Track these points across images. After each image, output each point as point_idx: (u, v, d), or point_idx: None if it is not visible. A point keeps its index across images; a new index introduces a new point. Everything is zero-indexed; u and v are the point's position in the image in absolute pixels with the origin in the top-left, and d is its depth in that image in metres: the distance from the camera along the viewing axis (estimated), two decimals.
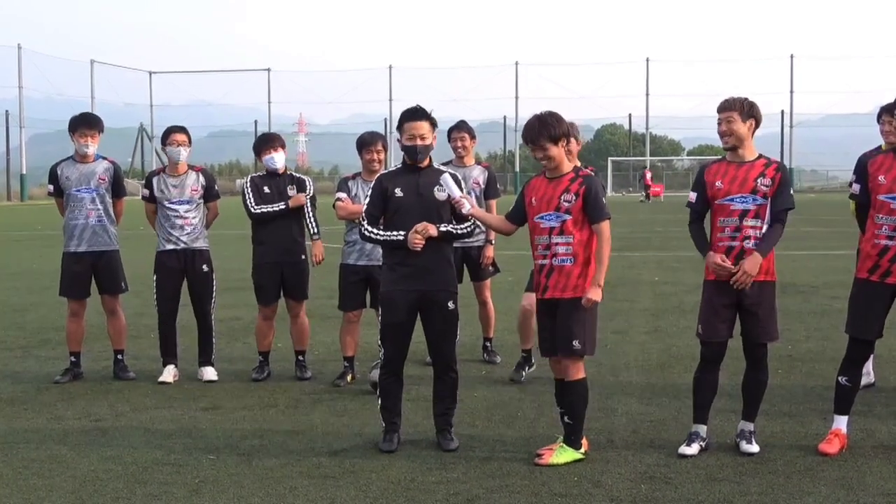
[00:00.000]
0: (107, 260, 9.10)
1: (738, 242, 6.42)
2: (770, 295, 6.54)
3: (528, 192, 6.52)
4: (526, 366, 8.72)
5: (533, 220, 6.46)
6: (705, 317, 6.57)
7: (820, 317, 12.16)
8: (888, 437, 6.83)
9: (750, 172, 6.43)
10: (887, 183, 6.39)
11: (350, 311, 8.81)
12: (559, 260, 6.35)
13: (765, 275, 6.45)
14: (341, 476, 6.11)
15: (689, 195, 6.70)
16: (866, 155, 6.64)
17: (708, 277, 6.57)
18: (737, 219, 6.42)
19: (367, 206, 6.77)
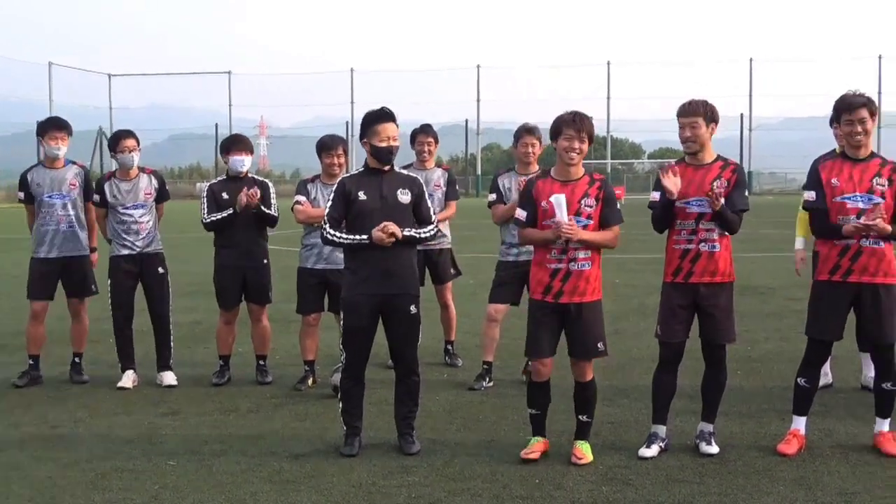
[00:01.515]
0: (78, 264, 9.05)
1: (693, 245, 6.51)
2: (728, 296, 6.61)
3: (542, 196, 6.40)
4: (486, 377, 8.72)
5: (542, 224, 6.43)
6: (663, 318, 6.65)
7: (778, 318, 12.26)
8: (846, 438, 6.90)
9: (707, 175, 6.50)
10: (840, 185, 6.47)
11: (308, 314, 8.79)
12: (579, 265, 6.36)
13: (722, 276, 6.53)
14: (302, 480, 6.09)
15: (652, 195, 6.75)
16: (818, 160, 6.71)
17: (666, 280, 6.64)
18: (693, 222, 6.51)
19: (329, 208, 6.74)
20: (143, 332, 9.39)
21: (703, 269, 6.51)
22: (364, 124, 6.74)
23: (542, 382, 6.53)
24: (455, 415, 7.71)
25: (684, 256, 6.52)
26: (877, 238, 6.39)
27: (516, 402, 7.99)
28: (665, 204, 6.51)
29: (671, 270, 6.60)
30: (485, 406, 7.97)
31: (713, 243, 6.50)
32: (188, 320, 12.21)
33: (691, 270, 6.52)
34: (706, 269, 6.51)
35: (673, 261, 6.59)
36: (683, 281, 6.54)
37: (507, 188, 8.64)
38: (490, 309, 8.74)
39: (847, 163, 6.51)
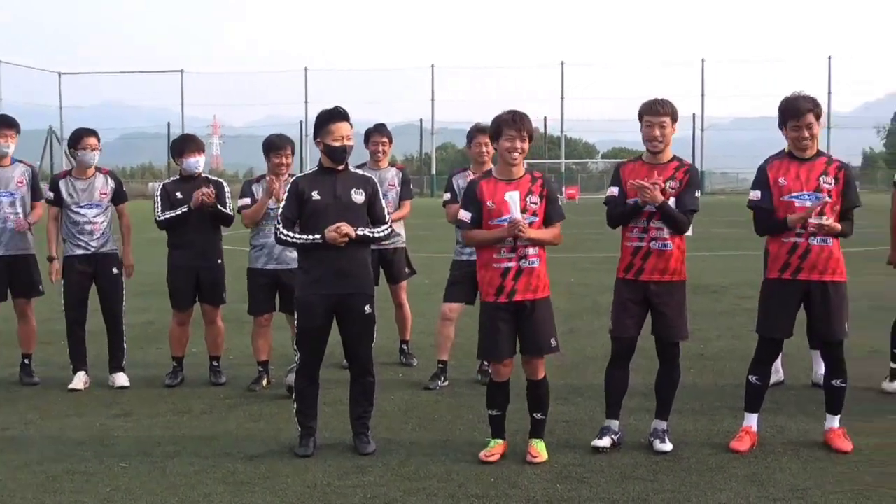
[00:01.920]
0: (23, 263, 8.93)
1: (644, 243, 6.60)
2: (680, 294, 6.68)
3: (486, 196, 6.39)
4: (442, 376, 8.72)
5: (489, 224, 6.41)
6: (615, 313, 6.74)
7: (730, 316, 12.38)
8: (797, 434, 6.98)
9: (664, 174, 6.58)
10: (788, 184, 6.56)
11: (260, 315, 8.75)
12: (530, 262, 6.38)
13: (672, 275, 6.62)
14: (257, 482, 6.05)
15: (609, 190, 6.80)
16: (765, 163, 6.80)
17: (618, 276, 6.72)
18: (645, 220, 6.59)
19: (282, 209, 6.70)
20: (95, 333, 9.28)
21: (653, 267, 6.60)
22: (318, 124, 6.72)
23: (502, 383, 6.54)
24: (410, 414, 7.70)
25: (636, 253, 6.62)
26: (825, 237, 6.48)
27: (472, 401, 8.01)
28: (636, 207, 6.57)
29: (623, 267, 6.69)
30: (440, 405, 7.97)
31: (664, 241, 6.58)
32: (141, 321, 12.10)
33: (642, 268, 6.61)
34: (656, 266, 6.59)
35: (625, 257, 6.68)
36: (634, 278, 6.64)
37: (461, 188, 8.64)
38: (445, 308, 8.74)
39: (794, 162, 6.61)
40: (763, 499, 5.65)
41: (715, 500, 5.65)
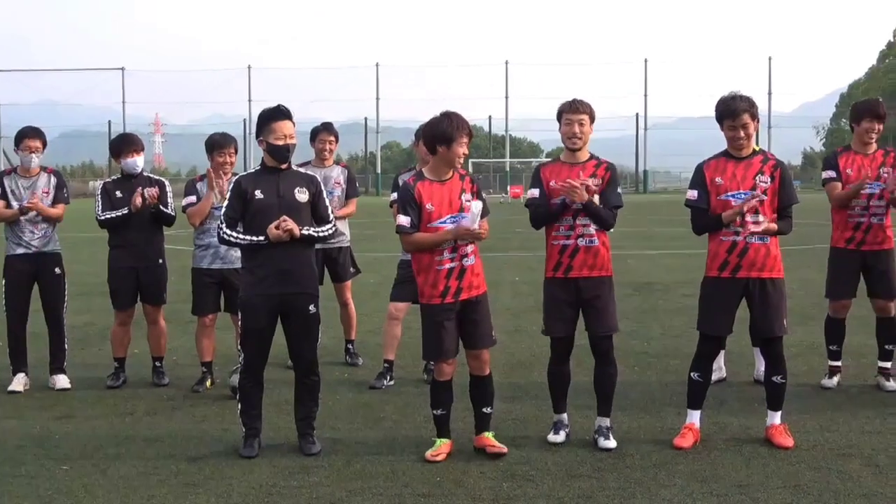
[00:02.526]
0: None
1: (571, 241, 6.69)
2: (608, 289, 6.80)
3: (424, 199, 6.39)
4: (388, 375, 8.71)
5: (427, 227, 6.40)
6: (548, 314, 6.83)
7: (673, 314, 12.49)
8: (739, 431, 7.06)
9: (582, 174, 6.69)
10: (724, 183, 6.65)
11: (205, 315, 8.68)
12: (470, 260, 6.44)
13: (600, 270, 6.73)
14: (201, 483, 6.00)
15: (529, 192, 6.87)
16: (702, 162, 6.90)
17: (547, 275, 6.80)
18: (570, 218, 6.69)
19: (225, 208, 6.65)
20: (35, 335, 9.14)
21: (582, 264, 6.69)
22: (260, 122, 6.68)
23: (447, 381, 6.55)
24: (356, 414, 7.68)
25: (563, 252, 6.70)
26: (762, 235, 6.58)
27: (418, 400, 8.00)
28: (563, 206, 6.64)
29: (552, 266, 6.76)
30: (386, 405, 7.96)
31: (591, 238, 6.69)
32: (82, 322, 11.95)
33: (570, 265, 6.70)
34: (585, 263, 6.70)
35: (553, 256, 6.75)
36: (564, 275, 6.72)
37: None
38: (391, 307, 8.73)
39: (731, 161, 6.71)
40: (706, 495, 5.70)
41: (659, 496, 5.69)
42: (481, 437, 6.63)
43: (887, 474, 6.03)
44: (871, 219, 8.16)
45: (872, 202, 8.13)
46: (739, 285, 6.66)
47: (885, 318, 8.40)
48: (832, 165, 8.29)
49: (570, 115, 6.70)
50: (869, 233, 8.17)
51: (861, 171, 8.12)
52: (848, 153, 8.31)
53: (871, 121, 8.14)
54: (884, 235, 8.22)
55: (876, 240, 8.19)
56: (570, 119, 6.70)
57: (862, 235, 8.19)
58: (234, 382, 7.55)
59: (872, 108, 8.22)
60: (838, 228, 8.34)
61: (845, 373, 8.57)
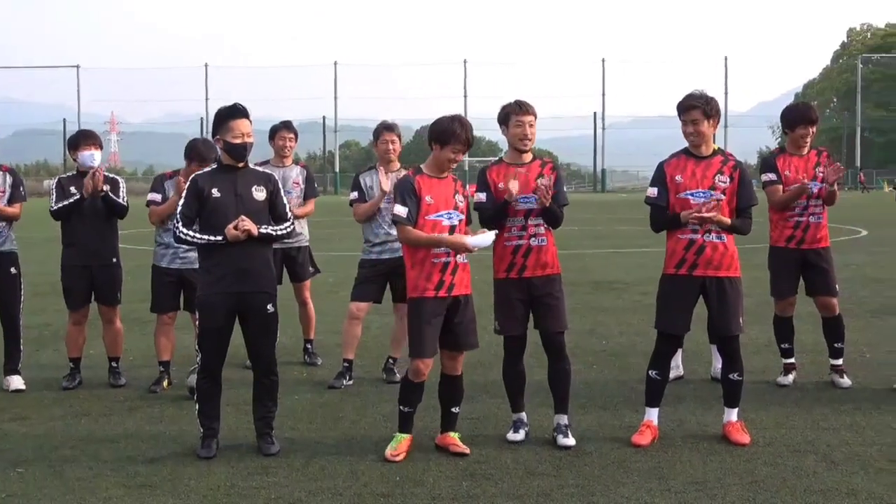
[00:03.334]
0: None
1: (524, 241, 6.76)
2: (558, 286, 6.86)
3: (424, 191, 6.43)
4: (347, 375, 8.68)
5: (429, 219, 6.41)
6: (501, 313, 6.87)
7: (632, 313, 12.56)
8: (697, 428, 7.11)
9: (530, 174, 6.77)
10: (684, 181, 6.71)
11: (164, 314, 8.61)
12: (462, 258, 6.50)
13: (552, 268, 6.81)
14: (159, 484, 5.95)
15: (477, 196, 6.90)
16: (665, 158, 6.96)
17: (499, 276, 6.85)
18: (522, 218, 6.76)
19: (181, 207, 6.60)
20: None
21: (536, 263, 6.77)
22: (217, 121, 6.64)
23: (421, 382, 6.54)
24: (315, 414, 7.65)
25: (516, 252, 6.76)
26: (719, 233, 6.64)
27: (377, 399, 8.00)
28: (503, 204, 6.70)
29: (504, 266, 6.81)
30: (345, 404, 7.94)
31: (542, 237, 6.78)
32: (37, 322, 11.81)
33: (524, 265, 6.76)
34: (538, 262, 6.77)
35: (506, 257, 6.78)
36: (518, 276, 6.77)
37: (368, 186, 8.65)
38: (352, 307, 8.70)
39: (691, 160, 6.77)
40: (664, 492, 5.74)
41: (618, 493, 5.72)
42: (446, 436, 6.64)
43: (842, 470, 6.10)
44: (810, 218, 8.27)
45: (811, 201, 8.25)
46: (696, 283, 6.72)
47: (831, 317, 8.51)
48: (771, 168, 8.39)
49: (521, 118, 6.78)
50: (808, 231, 8.28)
51: (798, 171, 8.23)
52: (784, 155, 8.43)
53: (806, 126, 8.28)
54: (822, 234, 8.33)
55: (815, 238, 8.30)
56: (520, 121, 6.78)
57: (801, 234, 8.29)
58: (192, 383, 7.49)
59: (806, 115, 8.33)
60: (777, 228, 8.44)
61: (801, 370, 8.66)
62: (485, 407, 7.71)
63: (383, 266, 8.58)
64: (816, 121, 8.35)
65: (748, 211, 6.79)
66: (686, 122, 6.72)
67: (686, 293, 6.76)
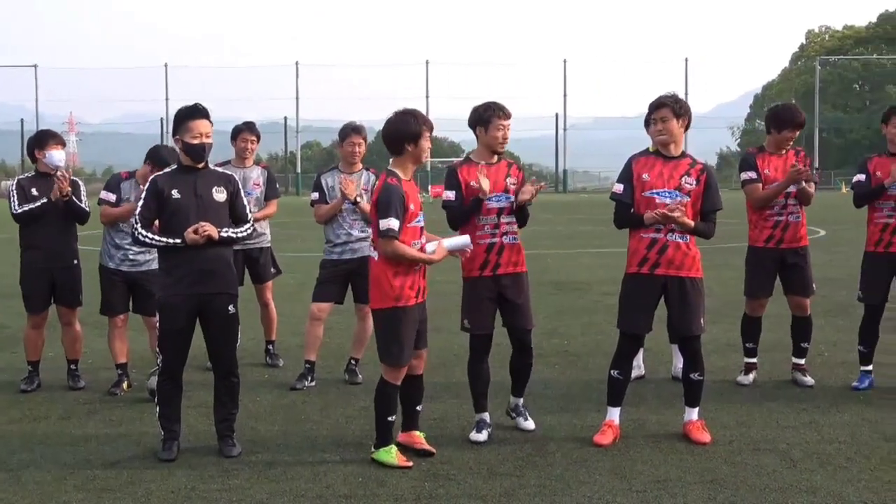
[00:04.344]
0: None
1: (497, 239, 6.85)
2: (526, 284, 6.98)
3: (409, 199, 6.33)
4: (309, 376, 8.64)
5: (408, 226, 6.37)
6: (472, 310, 6.92)
7: (593, 313, 12.61)
8: (658, 427, 7.15)
9: (499, 174, 6.88)
10: (651, 180, 6.75)
11: (115, 316, 8.53)
12: None
13: (522, 266, 6.94)
14: (119, 488, 5.90)
15: (445, 194, 6.96)
16: (632, 157, 7.00)
17: (463, 275, 6.94)
18: (495, 217, 6.85)
19: (140, 208, 6.54)
20: None
21: (508, 261, 6.87)
22: (177, 121, 6.60)
23: (399, 385, 6.50)
24: (276, 415, 7.62)
25: (490, 250, 6.83)
26: (682, 233, 6.68)
27: (339, 400, 7.98)
28: (476, 202, 6.77)
29: (478, 265, 6.86)
30: (307, 406, 7.91)
31: (514, 235, 6.91)
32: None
33: (498, 262, 6.84)
34: (510, 260, 6.87)
35: (479, 255, 6.83)
36: (491, 273, 6.84)
37: (330, 187, 8.63)
38: (314, 308, 8.68)
39: (659, 160, 6.81)
40: (626, 491, 5.77)
41: (579, 493, 5.74)
42: (411, 434, 6.65)
43: (802, 468, 6.16)
44: (789, 217, 8.32)
45: (790, 201, 8.30)
46: (658, 283, 6.75)
47: (802, 316, 8.59)
48: (751, 166, 8.41)
49: (503, 121, 6.88)
50: (787, 231, 8.33)
51: (778, 171, 8.28)
52: (763, 154, 8.45)
53: (793, 130, 8.30)
54: (801, 233, 8.39)
55: (794, 238, 8.36)
56: (502, 124, 6.87)
57: (780, 234, 8.34)
58: (153, 385, 7.44)
59: (795, 120, 8.32)
60: (756, 228, 8.48)
61: (760, 369, 8.74)
62: (447, 407, 7.71)
63: (345, 266, 8.57)
64: (804, 125, 8.41)
65: (712, 215, 6.83)
66: (656, 121, 6.78)
67: (648, 292, 6.79)
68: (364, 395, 7.97)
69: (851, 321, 9.81)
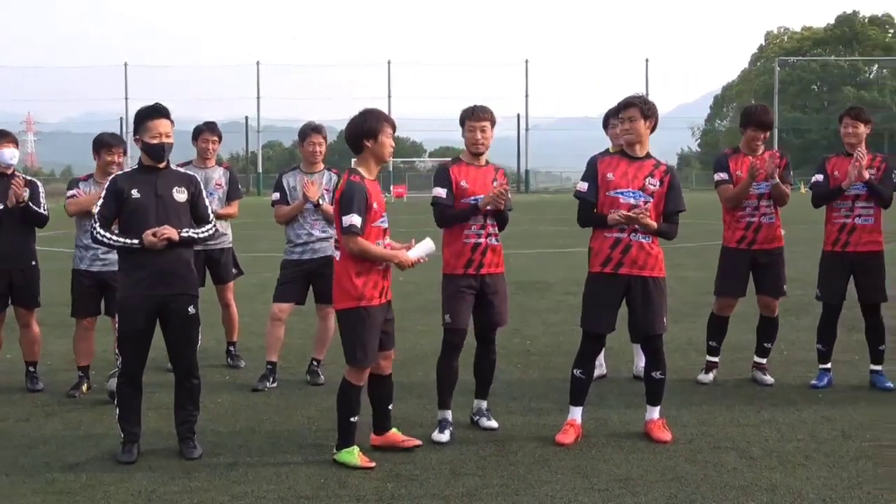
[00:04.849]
0: None
1: (483, 239, 6.94)
2: (505, 284, 7.07)
3: (372, 198, 6.34)
4: (270, 377, 8.60)
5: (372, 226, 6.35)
6: (454, 307, 6.93)
7: (555, 312, 12.64)
8: (619, 426, 7.18)
9: (486, 177, 6.97)
10: (615, 180, 6.78)
11: (84, 318, 8.45)
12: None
13: (502, 266, 7.04)
14: (78, 491, 5.85)
15: (436, 191, 6.97)
16: (596, 156, 7.03)
17: (445, 272, 6.98)
18: (482, 218, 6.94)
19: (99, 207, 6.48)
20: None
21: (491, 261, 6.95)
22: (137, 120, 6.56)
23: (363, 386, 6.50)
24: (238, 417, 7.58)
25: (475, 250, 6.92)
26: (646, 234, 6.72)
27: (301, 401, 7.95)
28: (473, 208, 6.87)
29: (462, 263, 6.91)
30: (268, 407, 7.87)
31: (496, 237, 7.02)
32: None
33: (482, 262, 6.93)
34: (492, 260, 6.96)
35: (464, 254, 6.90)
36: (475, 272, 6.92)
37: (291, 187, 8.60)
38: (275, 308, 8.64)
39: (624, 160, 6.85)
40: (588, 490, 5.79)
41: (542, 492, 5.76)
42: (388, 436, 6.65)
43: (761, 466, 6.21)
44: (762, 218, 8.37)
45: (762, 201, 8.35)
46: (622, 282, 6.79)
47: (769, 317, 8.66)
48: (723, 167, 8.47)
49: (473, 123, 6.95)
50: (759, 232, 8.39)
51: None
52: (737, 155, 8.51)
53: (756, 130, 8.34)
54: (774, 234, 8.45)
55: (766, 239, 8.41)
56: (472, 126, 6.95)
57: (752, 235, 8.40)
58: (112, 387, 7.37)
59: (757, 119, 8.36)
60: (729, 228, 8.54)
61: (721, 368, 8.79)
62: (409, 408, 7.70)
63: (306, 266, 8.54)
64: (769, 125, 8.41)
65: (675, 216, 6.89)
66: (623, 120, 6.81)
67: (611, 292, 6.83)
68: (326, 396, 7.95)
69: (810, 320, 9.91)
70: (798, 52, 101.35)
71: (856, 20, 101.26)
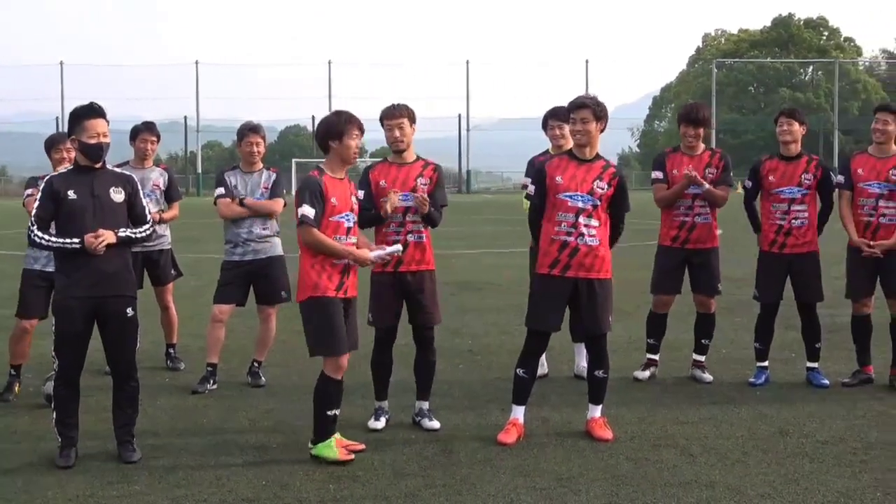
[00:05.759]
0: None
1: (401, 237, 6.95)
2: (432, 282, 7.09)
3: (329, 192, 6.41)
4: (211, 379, 8.52)
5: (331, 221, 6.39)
6: (376, 306, 7.04)
7: (496, 312, 12.66)
8: (561, 424, 7.22)
9: (411, 173, 7.00)
10: (564, 182, 6.81)
11: (30, 319, 8.29)
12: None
13: (426, 264, 7.08)
14: (14, 497, 5.75)
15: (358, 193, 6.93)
16: (540, 160, 7.06)
17: (375, 270, 7.00)
18: (400, 215, 6.97)
19: (36, 209, 6.38)
20: None
21: (411, 259, 6.97)
22: (72, 120, 6.46)
23: (342, 379, 6.51)
24: (178, 419, 7.50)
25: (416, 248, 6.97)
26: (592, 236, 6.77)
27: (242, 403, 7.90)
28: (378, 216, 6.92)
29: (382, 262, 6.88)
30: (209, 409, 7.80)
31: (420, 234, 7.02)
32: None
33: (400, 260, 6.92)
34: (413, 258, 6.98)
35: None
36: (393, 270, 6.95)
37: (233, 185, 8.54)
38: (215, 310, 8.57)
39: (573, 162, 6.89)
40: (530, 489, 5.81)
41: (484, 492, 5.77)
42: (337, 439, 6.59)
43: (701, 463, 6.28)
44: (696, 218, 8.47)
45: (697, 202, 8.45)
46: (569, 284, 6.83)
47: (705, 313, 8.76)
48: (660, 166, 8.58)
49: (389, 121, 6.99)
50: (693, 231, 8.48)
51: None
52: (675, 154, 8.60)
53: (687, 126, 8.43)
54: (708, 235, 8.54)
55: (700, 238, 8.51)
56: (389, 125, 6.99)
57: (686, 234, 8.50)
58: (49, 390, 7.26)
59: (687, 115, 8.47)
60: (664, 226, 8.65)
61: (661, 366, 8.88)
62: (353, 409, 7.65)
63: (246, 267, 8.48)
64: (701, 122, 8.47)
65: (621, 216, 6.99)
66: (575, 121, 6.83)
67: (559, 293, 6.86)
68: (267, 398, 7.91)
69: (748, 319, 10.02)
70: (735, 54, 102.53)
71: (791, 23, 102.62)
